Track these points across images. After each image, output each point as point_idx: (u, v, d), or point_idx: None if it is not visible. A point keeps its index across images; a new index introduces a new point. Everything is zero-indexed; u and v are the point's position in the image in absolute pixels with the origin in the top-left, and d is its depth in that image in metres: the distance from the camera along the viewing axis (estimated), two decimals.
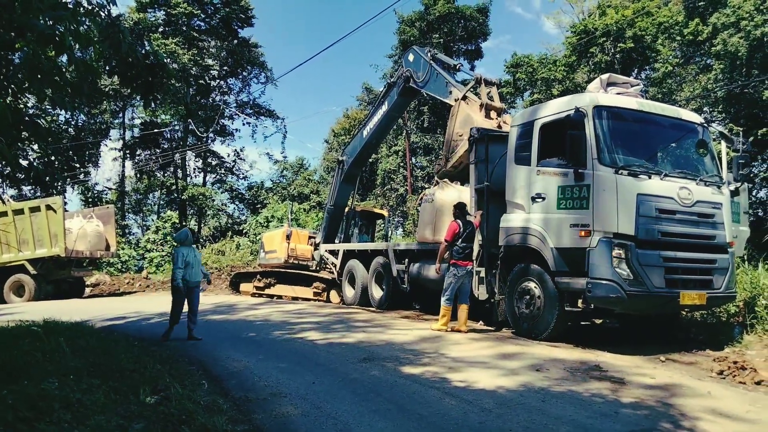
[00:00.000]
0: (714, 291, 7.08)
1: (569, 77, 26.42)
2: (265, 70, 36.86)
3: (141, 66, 4.94)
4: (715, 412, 4.44)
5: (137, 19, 29.66)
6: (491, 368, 5.87)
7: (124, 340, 7.40)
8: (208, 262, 23.92)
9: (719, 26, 19.79)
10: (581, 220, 6.97)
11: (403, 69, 12.33)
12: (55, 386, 4.40)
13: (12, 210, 16.59)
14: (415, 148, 34.33)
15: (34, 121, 3.86)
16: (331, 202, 15.15)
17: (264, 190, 39.90)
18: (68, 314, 9.50)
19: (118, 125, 36.77)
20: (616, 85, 7.98)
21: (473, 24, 32.03)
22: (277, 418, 4.29)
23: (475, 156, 8.98)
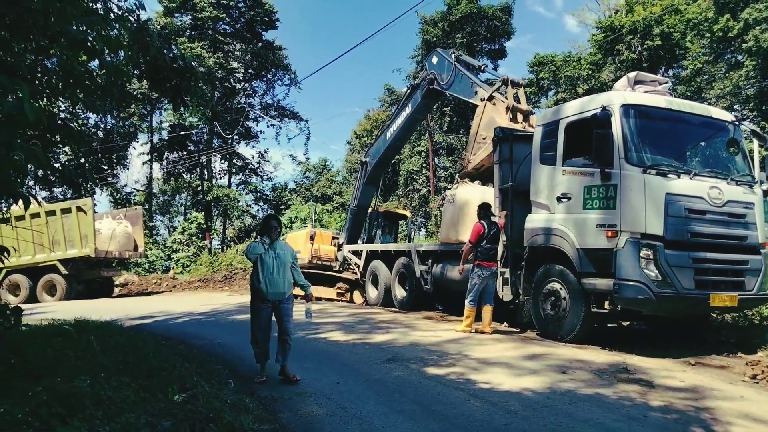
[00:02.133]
0: (746, 293, 6.91)
1: (594, 75, 26.08)
2: (288, 72, 37.17)
3: (169, 69, 5.03)
4: (748, 417, 4.33)
5: (164, 23, 30.20)
6: (516, 370, 5.82)
7: (153, 339, 7.53)
8: (233, 262, 24.16)
9: (751, 22, 19.33)
10: (608, 220, 6.87)
11: (427, 72, 12.31)
12: (86, 384, 4.50)
13: (44, 211, 17.01)
14: (438, 149, 34.23)
15: (67, 124, 3.95)
16: (354, 203, 15.20)
17: (287, 191, 40.26)
18: (98, 313, 9.71)
19: (146, 128, 37.45)
20: (643, 83, 7.85)
21: (496, 23, 31.83)
22: (302, 418, 4.33)
23: (499, 156, 8.92)
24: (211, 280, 22.15)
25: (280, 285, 5.49)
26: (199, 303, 14.47)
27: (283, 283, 5.51)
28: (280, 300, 5.54)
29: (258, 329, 5.58)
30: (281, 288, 5.50)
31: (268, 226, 5.62)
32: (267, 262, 5.44)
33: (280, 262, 5.50)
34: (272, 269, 5.45)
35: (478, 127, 10.31)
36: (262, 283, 5.42)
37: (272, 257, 5.46)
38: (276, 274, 5.46)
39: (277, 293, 5.49)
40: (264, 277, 5.43)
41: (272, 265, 5.45)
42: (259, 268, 5.45)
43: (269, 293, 5.44)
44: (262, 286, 5.43)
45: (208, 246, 30.92)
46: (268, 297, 5.45)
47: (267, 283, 5.43)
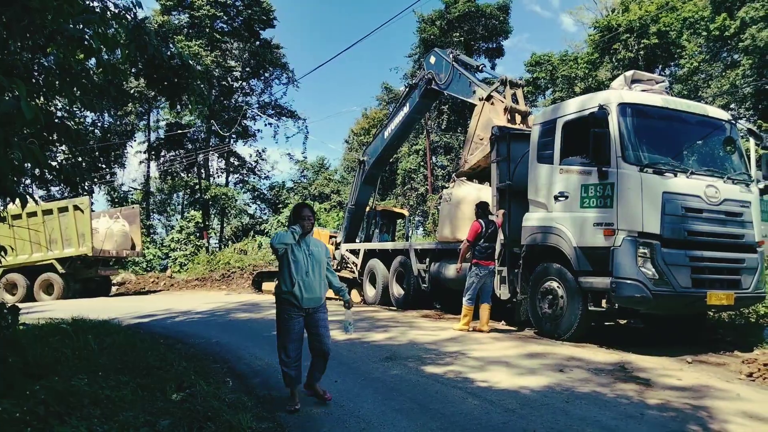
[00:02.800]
0: (742, 291, 6.93)
1: (591, 74, 26.12)
2: (286, 71, 37.15)
3: (166, 68, 5.02)
4: (745, 415, 4.35)
5: (161, 21, 30.12)
6: (514, 368, 5.83)
7: (150, 338, 7.53)
8: (230, 261, 24.13)
9: (748, 20, 19.37)
10: (605, 218, 6.89)
11: (425, 71, 12.30)
12: (84, 383, 4.50)
13: (41, 210, 16.97)
14: (436, 148, 34.26)
15: (65, 123, 3.95)
16: (351, 202, 15.19)
17: (285, 189, 40.23)
18: (96, 312, 9.70)
19: (144, 127, 37.39)
20: (640, 82, 7.87)
21: (494, 22, 31.87)
22: (300, 416, 4.34)
23: (497, 155, 8.93)
24: (209, 279, 22.14)
25: (316, 288, 4.49)
26: (196, 302, 14.46)
27: (320, 286, 4.55)
28: (316, 307, 4.55)
29: (289, 343, 4.49)
30: (317, 292, 4.51)
31: (300, 216, 4.53)
32: (299, 260, 4.44)
33: (315, 261, 4.51)
34: (306, 268, 4.44)
35: (476, 128, 10.32)
36: (295, 285, 4.38)
37: (305, 254, 4.47)
38: (311, 275, 4.46)
39: (313, 298, 4.49)
40: (297, 279, 4.40)
41: (306, 264, 4.45)
42: (291, 268, 4.43)
43: (303, 299, 4.42)
44: (296, 289, 4.38)
45: (205, 245, 30.90)
46: (302, 303, 4.43)
47: (301, 285, 4.41)
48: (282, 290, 4.49)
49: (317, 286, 4.52)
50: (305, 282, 4.42)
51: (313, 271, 4.49)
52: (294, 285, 4.40)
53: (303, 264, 4.44)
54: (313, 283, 4.48)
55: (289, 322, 4.46)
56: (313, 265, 4.49)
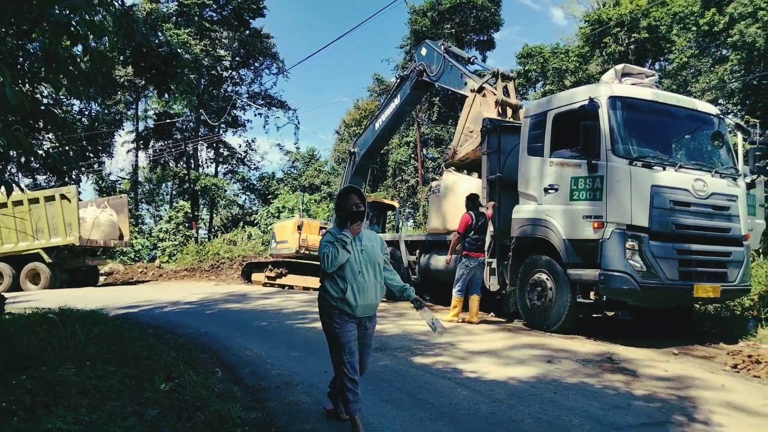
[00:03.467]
0: (728, 284, 7.01)
1: (582, 68, 26.18)
2: (276, 61, 36.90)
3: (155, 56, 4.96)
4: (729, 406, 4.41)
5: (150, 9, 29.74)
6: (503, 359, 5.87)
7: (139, 329, 7.50)
8: (220, 251, 24.02)
9: (736, 16, 19.48)
10: (594, 211, 6.93)
11: (416, 63, 12.25)
12: (71, 372, 4.47)
13: (27, 199, 16.77)
14: (427, 140, 34.25)
15: (51, 110, 3.90)
16: None
17: (275, 180, 40.06)
18: (83, 302, 9.62)
19: (132, 116, 37.01)
20: (630, 75, 7.89)
21: (485, 14, 31.82)
22: (290, 406, 4.34)
23: (487, 147, 8.94)
24: (198, 270, 22.04)
25: (371, 293, 3.71)
26: (185, 292, 14.39)
27: (375, 289, 3.75)
28: (369, 316, 3.83)
29: (352, 356, 3.66)
30: (373, 297, 3.74)
31: (347, 206, 3.71)
32: (350, 259, 3.65)
33: (369, 259, 3.73)
34: (359, 268, 3.66)
35: (466, 120, 10.32)
36: (348, 291, 3.59)
37: (357, 251, 3.69)
38: (366, 276, 3.68)
39: (369, 305, 3.72)
40: (350, 282, 3.61)
41: (358, 262, 3.67)
42: (341, 269, 3.64)
43: (358, 306, 3.63)
44: (348, 295, 3.59)
45: (194, 235, 30.73)
46: (356, 311, 3.64)
47: (355, 290, 3.61)
48: (330, 296, 3.64)
49: (373, 290, 3.71)
50: (359, 285, 3.62)
51: (368, 270, 3.69)
52: (346, 290, 3.59)
53: (355, 263, 3.64)
54: (368, 286, 3.67)
55: (345, 332, 3.64)
56: (367, 264, 3.70)
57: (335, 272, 3.63)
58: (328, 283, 3.69)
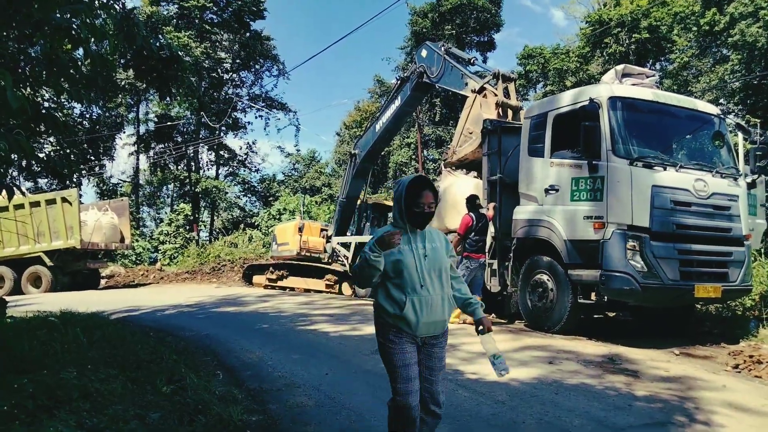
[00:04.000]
0: (729, 284, 7.01)
1: (583, 68, 26.18)
2: (277, 63, 36.96)
3: (155, 59, 4.98)
4: (730, 406, 4.41)
5: (150, 12, 29.80)
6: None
7: (140, 331, 7.49)
8: (221, 254, 24.03)
9: (737, 16, 19.47)
10: (595, 212, 6.93)
11: (417, 65, 12.26)
12: (73, 376, 4.47)
13: (29, 202, 16.79)
14: (427, 141, 34.24)
15: (51, 114, 3.91)
16: (343, 195, 15.18)
17: (276, 182, 40.08)
18: (84, 305, 9.62)
19: (133, 119, 37.06)
20: (631, 76, 7.90)
21: (486, 15, 31.84)
22: (291, 409, 4.33)
23: (488, 148, 8.95)
24: (199, 272, 22.05)
25: (438, 308, 2.92)
26: (186, 295, 14.40)
27: (443, 303, 2.95)
28: (435, 336, 2.99)
29: (411, 381, 2.91)
30: (440, 313, 2.93)
31: (419, 202, 2.92)
32: (409, 265, 2.88)
33: (434, 265, 2.94)
34: (421, 277, 2.88)
35: (466, 120, 10.35)
36: (405, 305, 2.84)
37: (419, 256, 2.91)
38: (431, 287, 2.90)
39: (434, 323, 2.92)
40: (409, 295, 2.85)
41: (420, 270, 2.89)
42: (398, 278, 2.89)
43: (420, 324, 2.86)
44: (407, 311, 2.84)
45: (195, 238, 30.75)
46: (417, 330, 2.88)
47: (416, 304, 2.85)
48: (386, 311, 2.90)
49: (439, 304, 2.91)
50: (421, 299, 2.85)
51: (432, 279, 2.90)
52: (405, 304, 2.83)
53: (415, 270, 2.87)
54: (434, 300, 2.88)
55: (400, 351, 2.89)
56: (432, 272, 2.91)
57: (390, 281, 2.88)
58: (381, 294, 2.91)
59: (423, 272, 2.90)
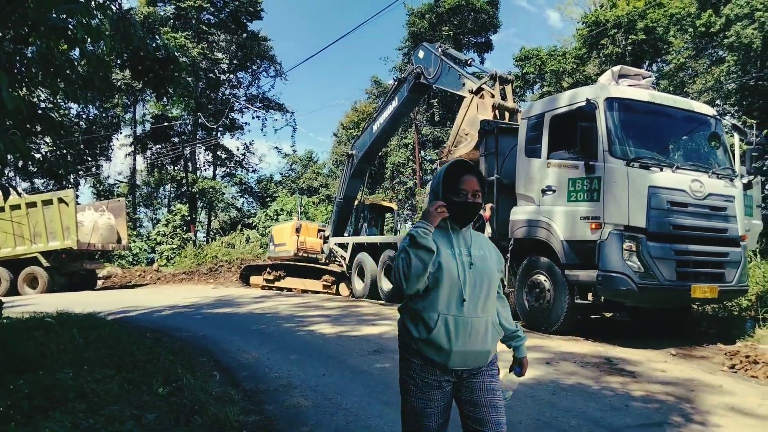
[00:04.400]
0: (726, 284, 7.03)
1: (579, 69, 26.23)
2: (274, 63, 36.92)
3: (152, 59, 4.97)
4: (726, 406, 4.42)
5: (147, 13, 29.75)
6: (500, 361, 5.85)
7: (137, 332, 7.48)
8: (218, 255, 24.00)
9: (732, 17, 19.53)
10: (592, 212, 6.94)
11: (414, 66, 12.29)
12: (69, 376, 4.46)
13: (25, 203, 16.75)
14: (425, 141, 34.26)
15: (47, 114, 3.89)
16: (340, 196, 15.18)
17: (273, 183, 40.04)
18: (81, 306, 9.60)
19: (129, 119, 36.98)
20: (627, 77, 7.92)
21: (483, 16, 31.87)
22: (288, 410, 4.33)
23: (485, 148, 8.96)
24: (196, 273, 22.02)
25: (479, 334, 2.25)
26: (183, 295, 14.38)
27: (486, 329, 2.28)
28: (478, 369, 2.30)
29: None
30: (480, 341, 2.25)
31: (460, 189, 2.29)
32: (448, 268, 2.21)
33: (480, 278, 2.26)
34: (463, 291, 2.21)
35: (462, 121, 10.37)
36: (436, 324, 2.19)
37: (462, 264, 2.25)
38: (474, 304, 2.23)
39: (471, 353, 2.24)
40: (442, 312, 2.20)
41: (462, 281, 2.22)
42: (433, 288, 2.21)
43: (453, 351, 2.19)
44: (438, 334, 2.19)
45: (192, 238, 30.69)
46: (450, 361, 2.21)
47: (449, 324, 2.19)
48: (410, 335, 2.24)
49: (482, 330, 2.23)
50: (458, 319, 2.17)
51: (476, 296, 2.21)
52: (435, 323, 2.17)
53: (457, 279, 2.19)
54: (475, 323, 2.21)
55: (422, 397, 2.22)
56: (476, 286, 2.21)
57: (419, 295, 2.20)
58: (406, 313, 2.29)
59: (466, 284, 2.18)
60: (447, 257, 2.22)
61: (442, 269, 2.19)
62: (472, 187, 2.29)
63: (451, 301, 2.19)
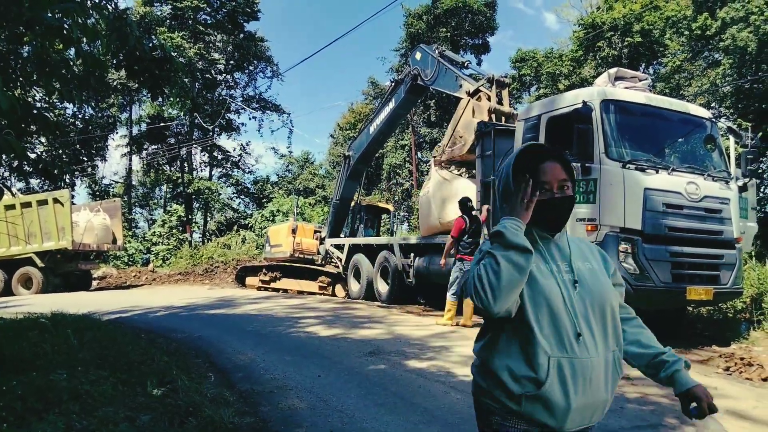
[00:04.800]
0: (721, 286, 7.04)
1: (576, 72, 26.30)
2: (271, 64, 36.92)
3: (148, 59, 4.96)
4: (721, 409, 4.39)
5: (144, 12, 29.71)
6: None
7: (132, 333, 7.45)
8: (214, 255, 23.95)
9: (728, 21, 19.61)
10: (588, 214, 6.95)
11: (411, 67, 12.32)
12: (63, 378, 4.44)
13: (20, 203, 16.69)
14: (421, 143, 34.29)
15: (43, 114, 3.88)
16: (336, 197, 15.17)
17: (269, 184, 40.03)
18: (76, 307, 9.56)
19: (125, 120, 36.91)
20: (624, 79, 7.94)
21: (480, 18, 31.94)
22: (283, 411, 4.32)
23: (481, 150, 8.97)
24: (192, 274, 21.96)
25: (600, 378, 1.61)
26: (179, 296, 14.33)
27: (606, 368, 1.64)
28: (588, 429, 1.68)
29: None
30: (602, 387, 1.63)
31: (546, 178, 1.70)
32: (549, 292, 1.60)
33: (592, 297, 1.65)
34: (575, 322, 1.59)
35: (457, 124, 10.42)
36: (548, 373, 1.54)
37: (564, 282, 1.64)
38: (588, 339, 1.60)
39: (591, 405, 1.61)
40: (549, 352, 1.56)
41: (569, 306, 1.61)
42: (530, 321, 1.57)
43: (571, 410, 1.55)
44: (550, 387, 1.53)
45: (188, 239, 30.62)
46: (565, 423, 1.57)
47: (564, 370, 1.55)
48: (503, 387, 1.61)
49: (602, 371, 1.64)
50: (575, 361, 1.58)
51: (590, 326, 1.64)
52: (548, 374, 1.55)
53: (561, 308, 1.61)
54: (595, 364, 1.61)
55: None
56: (588, 312, 1.65)
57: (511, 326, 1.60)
58: (494, 352, 1.64)
59: (576, 312, 1.59)
60: (543, 276, 1.60)
61: (540, 291, 1.57)
62: (557, 176, 1.69)
63: (560, 337, 1.55)
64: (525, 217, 1.59)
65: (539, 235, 1.70)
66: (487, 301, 1.49)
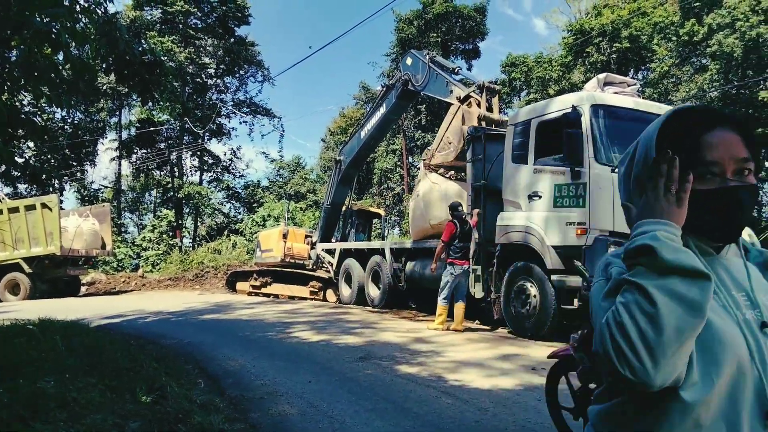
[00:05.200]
0: None
1: (565, 77, 26.51)
2: (261, 68, 36.86)
3: (138, 64, 4.94)
4: None
5: (134, 17, 29.58)
6: (487, 368, 5.88)
7: (121, 339, 7.39)
8: (204, 261, 23.83)
9: (715, 27, 19.86)
10: (577, 218, 7.00)
11: (401, 73, 12.35)
12: (51, 385, 4.38)
13: (7, 208, 16.53)
14: (412, 147, 34.34)
15: (30, 118, 3.85)
16: (327, 202, 15.16)
17: (260, 188, 39.88)
18: (64, 313, 9.47)
19: (115, 124, 36.69)
20: (612, 84, 8.01)
21: (471, 23, 32.08)
22: (273, 417, 4.29)
23: (472, 154, 9.01)
24: (182, 279, 21.82)
25: None
26: (169, 302, 14.24)
27: None
28: None
29: None
30: None
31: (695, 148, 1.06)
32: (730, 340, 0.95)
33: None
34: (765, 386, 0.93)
35: (447, 129, 10.48)
36: None
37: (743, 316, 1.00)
38: None
39: None
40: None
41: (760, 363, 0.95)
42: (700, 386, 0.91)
43: None
44: None
45: (178, 244, 30.44)
46: None
47: None
48: None
49: None
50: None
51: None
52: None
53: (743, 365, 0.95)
54: None
55: None
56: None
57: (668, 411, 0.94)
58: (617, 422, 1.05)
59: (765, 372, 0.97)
60: (717, 315, 0.99)
61: (718, 340, 0.96)
62: (733, 153, 1.06)
63: (738, 412, 0.95)
64: (677, 218, 0.99)
65: (699, 249, 1.07)
66: (642, 367, 0.87)
